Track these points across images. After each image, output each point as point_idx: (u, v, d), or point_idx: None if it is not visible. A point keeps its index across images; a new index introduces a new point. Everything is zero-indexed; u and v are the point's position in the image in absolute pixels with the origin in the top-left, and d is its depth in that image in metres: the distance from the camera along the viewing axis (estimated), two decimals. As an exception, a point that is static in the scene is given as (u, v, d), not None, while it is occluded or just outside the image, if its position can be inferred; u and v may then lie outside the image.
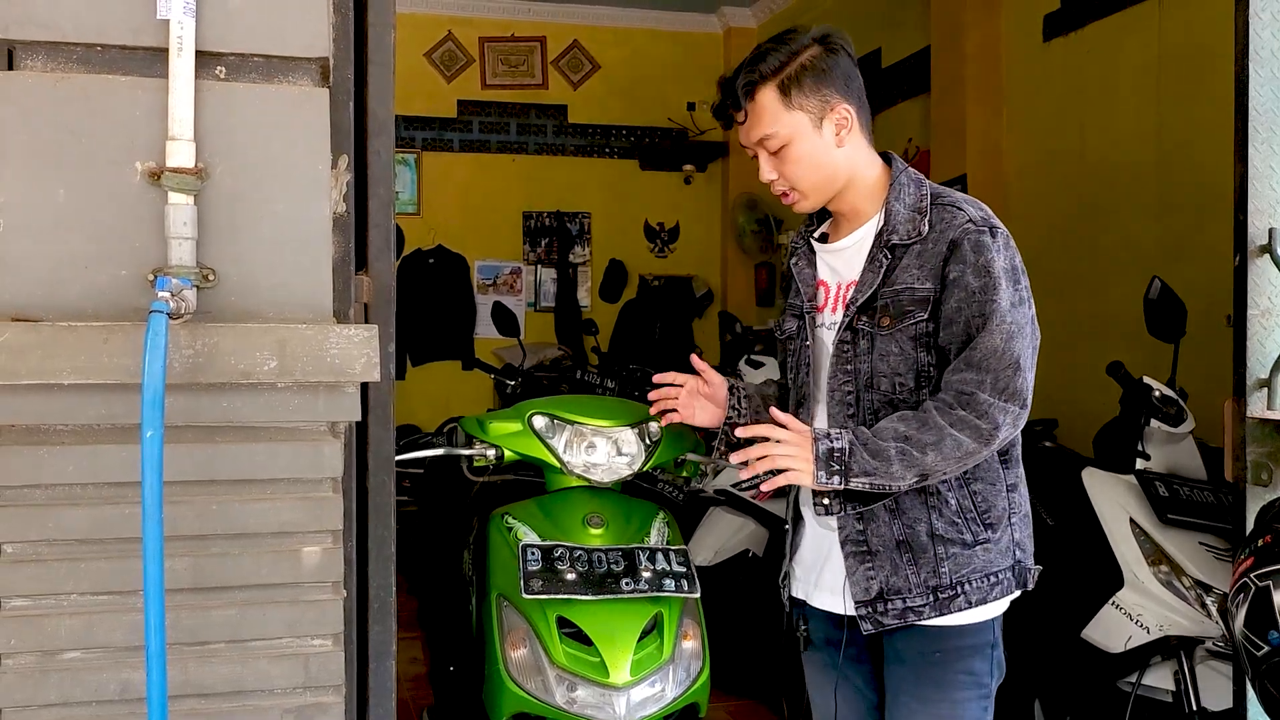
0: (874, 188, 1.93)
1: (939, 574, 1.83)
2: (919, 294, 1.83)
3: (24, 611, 1.42)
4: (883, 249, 1.87)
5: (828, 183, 1.90)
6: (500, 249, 7.21)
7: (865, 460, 1.75)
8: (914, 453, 1.74)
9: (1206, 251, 3.77)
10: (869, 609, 1.85)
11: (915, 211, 1.87)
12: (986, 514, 1.86)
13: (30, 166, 1.40)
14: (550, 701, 1.98)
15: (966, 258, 1.80)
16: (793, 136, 1.87)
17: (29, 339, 1.35)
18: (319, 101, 1.49)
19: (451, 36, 7.11)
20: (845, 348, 1.89)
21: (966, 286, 1.79)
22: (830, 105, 1.87)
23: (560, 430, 2.26)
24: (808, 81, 1.86)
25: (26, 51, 1.42)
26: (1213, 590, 2.62)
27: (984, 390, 1.76)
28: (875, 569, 1.85)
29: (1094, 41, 4.41)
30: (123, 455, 1.39)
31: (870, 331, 1.86)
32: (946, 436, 1.74)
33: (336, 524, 1.50)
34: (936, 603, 1.83)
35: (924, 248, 1.84)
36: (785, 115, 1.86)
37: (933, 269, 1.82)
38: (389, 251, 1.61)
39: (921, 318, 1.83)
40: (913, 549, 1.84)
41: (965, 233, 1.81)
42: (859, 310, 1.87)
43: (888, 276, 1.85)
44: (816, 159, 1.88)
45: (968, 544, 1.84)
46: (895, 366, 1.85)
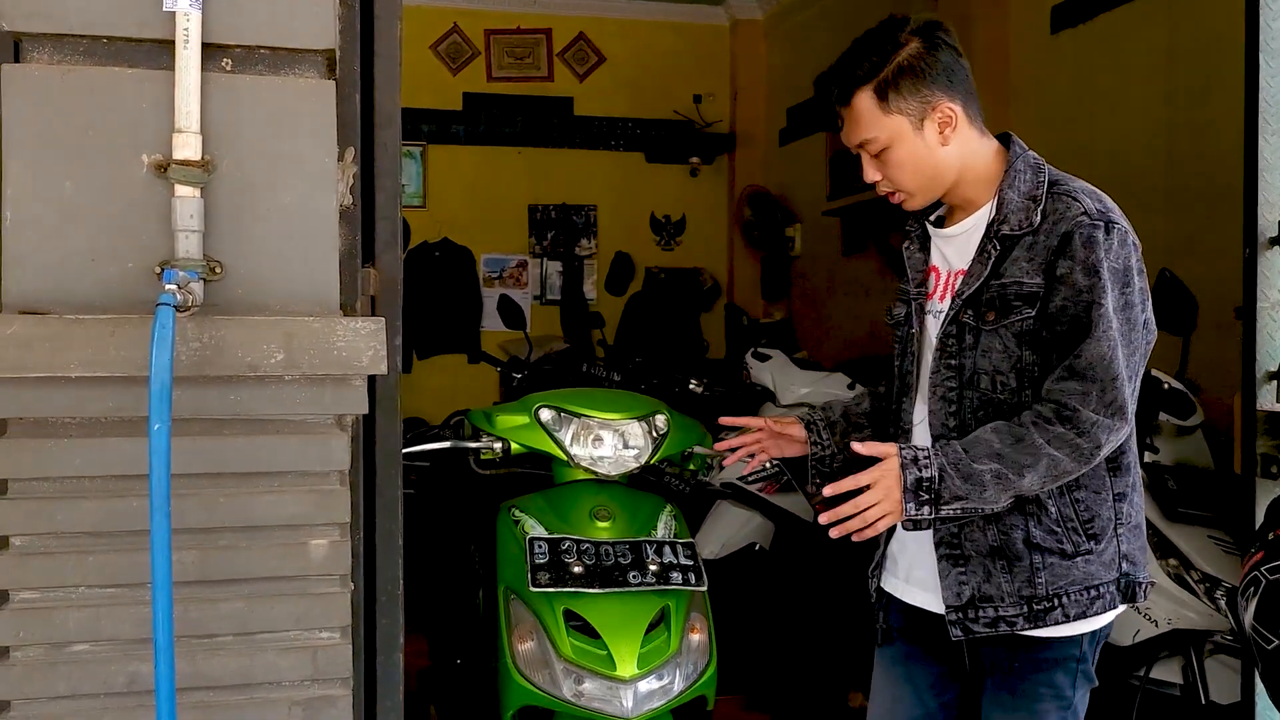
0: (987, 175, 1.84)
1: (1034, 584, 1.73)
2: (1026, 289, 1.73)
3: (32, 604, 1.42)
4: (992, 239, 1.78)
5: (934, 182, 1.82)
6: (506, 242, 7.20)
7: (956, 485, 1.65)
8: (1009, 475, 1.66)
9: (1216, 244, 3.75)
10: (959, 615, 1.77)
11: (1029, 200, 1.78)
12: (1089, 523, 1.75)
13: (37, 159, 1.40)
14: (557, 694, 1.98)
15: (1076, 253, 1.69)
16: (893, 140, 1.78)
17: (37, 332, 1.36)
18: (325, 94, 1.49)
19: (457, 29, 7.09)
20: (950, 342, 1.80)
21: (1074, 285, 1.69)
22: (931, 105, 1.77)
23: (567, 423, 2.25)
24: (906, 83, 1.76)
25: (33, 44, 1.42)
26: (1222, 584, 2.61)
27: (1087, 405, 1.66)
28: (968, 574, 1.77)
29: (1103, 33, 4.38)
30: (130, 448, 1.39)
31: (975, 326, 1.77)
32: (1044, 456, 1.65)
33: (344, 517, 1.51)
34: (1030, 614, 1.74)
35: (1035, 239, 1.74)
36: (883, 119, 1.77)
37: (1042, 262, 1.72)
38: (396, 244, 1.61)
39: (1028, 314, 1.73)
40: (1007, 557, 1.75)
41: (1078, 226, 1.70)
42: (965, 303, 1.78)
43: (995, 269, 1.76)
44: (919, 161, 1.79)
45: (1067, 554, 1.74)
46: (997, 364, 1.76)
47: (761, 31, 7.35)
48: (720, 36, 7.44)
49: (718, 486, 3.84)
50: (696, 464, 2.42)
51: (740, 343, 5.66)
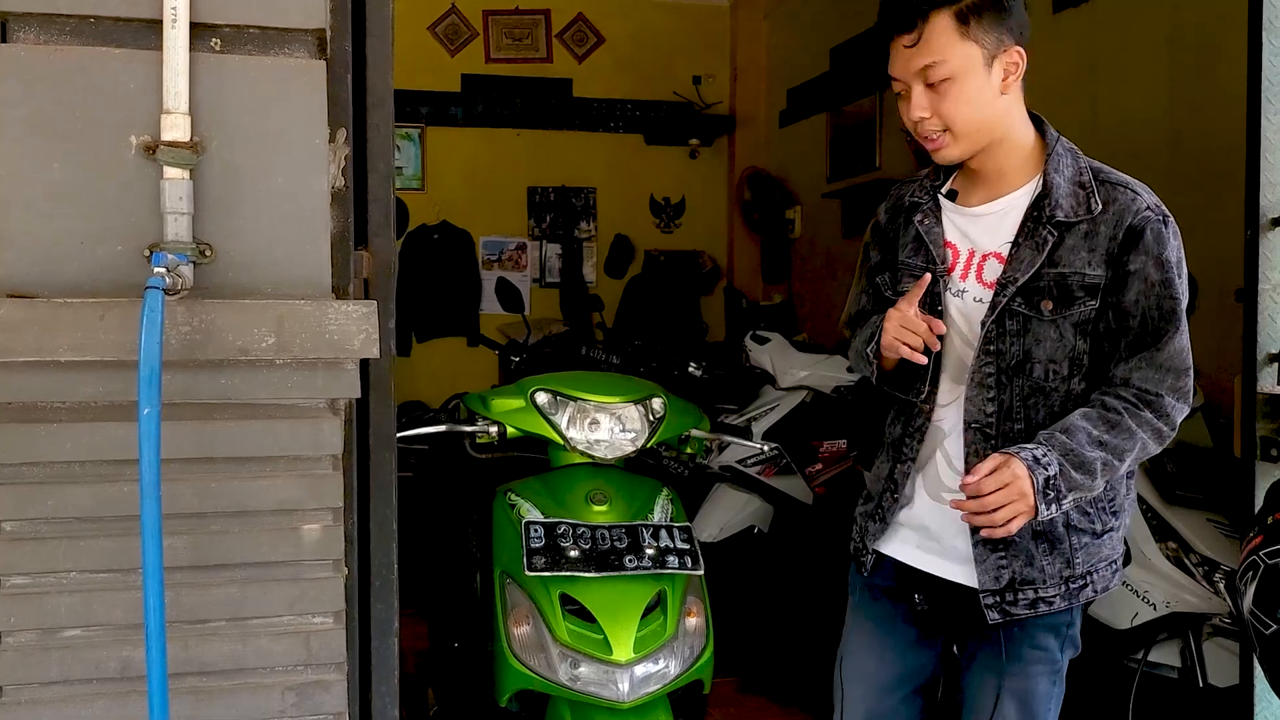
0: (1028, 153, 1.81)
1: (1073, 564, 1.79)
2: (1089, 279, 1.72)
3: (23, 589, 1.42)
4: (1045, 225, 1.74)
5: (983, 131, 1.77)
6: (505, 225, 7.18)
7: (1074, 477, 1.66)
8: (1114, 461, 1.69)
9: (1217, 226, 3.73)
10: (997, 598, 1.79)
11: (1077, 186, 1.76)
12: (1114, 502, 1.82)
13: (24, 141, 1.39)
14: (553, 679, 1.97)
15: (1150, 248, 1.71)
16: (961, 70, 1.72)
17: (25, 316, 1.34)
18: (316, 74, 1.47)
19: (455, 10, 7.05)
20: (994, 335, 1.77)
21: (1148, 279, 1.71)
22: (1005, 45, 1.73)
23: (563, 406, 2.24)
24: (988, 14, 1.71)
25: (19, 24, 1.40)
26: (1220, 567, 2.61)
27: (1167, 393, 1.71)
28: (1009, 559, 1.79)
29: (1105, 13, 4.35)
30: (120, 433, 1.38)
31: (1027, 314, 1.75)
32: (1138, 441, 1.69)
33: (337, 501, 1.50)
34: (1068, 593, 1.80)
35: (1093, 229, 1.73)
36: (959, 45, 1.71)
37: (1106, 253, 1.72)
38: (389, 226, 1.59)
39: (1092, 305, 1.73)
40: (1050, 540, 1.78)
41: (1147, 221, 1.72)
42: (1019, 291, 1.75)
43: (1051, 256, 1.73)
44: (979, 100, 1.74)
45: (1097, 533, 1.81)
46: (1051, 353, 1.75)
47: (762, 12, 7.30)
48: (720, 17, 7.40)
49: (716, 470, 3.84)
50: (694, 447, 2.41)
51: (740, 325, 5.65)
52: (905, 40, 1.75)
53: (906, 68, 1.77)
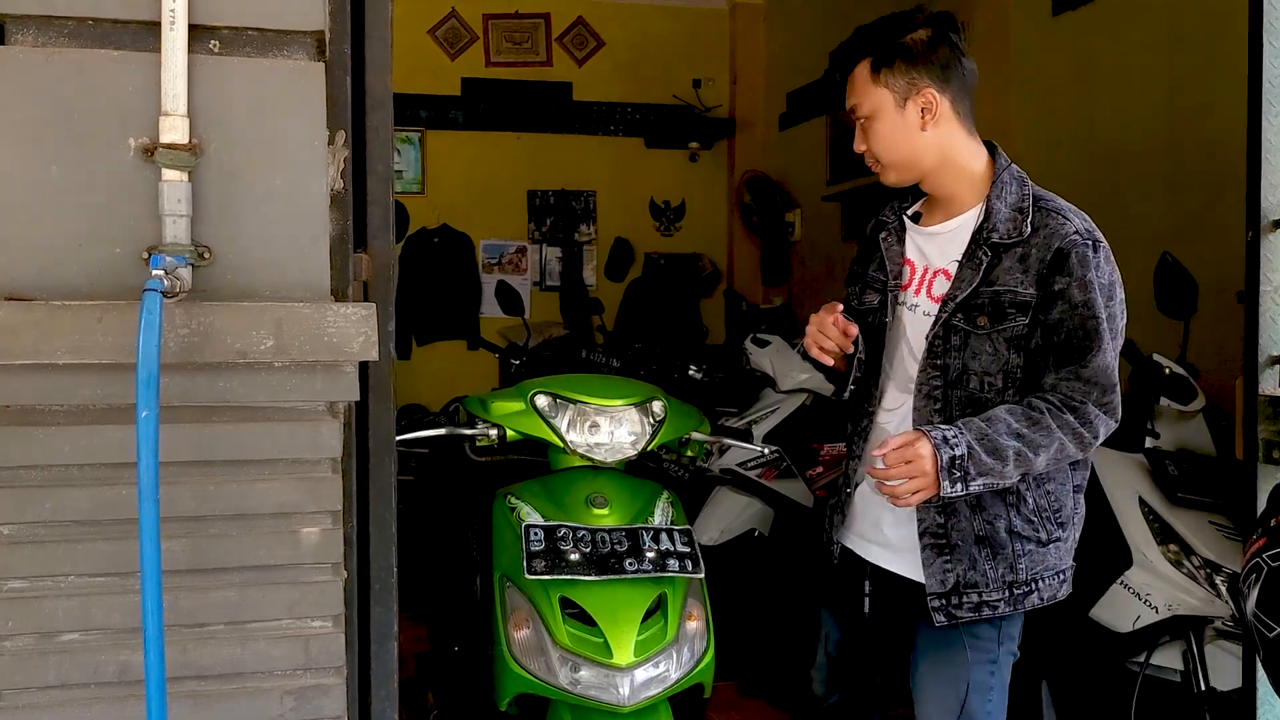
0: (976, 178, 1.98)
1: (1016, 570, 1.90)
2: (1020, 298, 1.87)
3: (21, 593, 1.41)
4: (982, 246, 1.90)
5: (909, 162, 1.96)
6: (505, 228, 7.18)
7: (983, 461, 1.79)
8: (1028, 454, 1.80)
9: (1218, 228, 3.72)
10: (943, 601, 1.91)
11: (1016, 211, 1.92)
12: (1058, 513, 1.93)
13: (22, 143, 1.38)
14: (554, 682, 1.97)
15: (1073, 270, 1.84)
16: (875, 111, 1.94)
17: (22, 318, 1.34)
18: (315, 76, 1.47)
19: (455, 14, 7.06)
20: (938, 343, 1.92)
21: (1071, 299, 1.84)
22: (917, 89, 1.92)
23: (563, 409, 2.24)
24: (898, 63, 1.92)
25: (17, 26, 1.39)
26: (1222, 570, 2.60)
27: (1091, 402, 1.84)
28: (953, 562, 1.91)
29: (1104, 16, 4.35)
30: (118, 436, 1.38)
31: (965, 329, 1.90)
32: (1056, 440, 1.81)
33: (336, 504, 1.49)
34: (1011, 598, 1.90)
35: (1026, 251, 1.88)
36: (871, 90, 1.94)
37: (1036, 274, 1.86)
38: (388, 229, 1.59)
39: (1021, 321, 1.87)
40: (992, 545, 1.90)
41: (1073, 244, 1.86)
42: (957, 307, 1.90)
43: (987, 276, 1.89)
44: (896, 136, 1.94)
45: (1042, 542, 1.91)
46: (986, 366, 1.89)
47: (761, 15, 7.31)
48: (720, 21, 7.40)
49: (716, 473, 3.83)
50: (695, 450, 2.41)
51: (740, 328, 5.64)
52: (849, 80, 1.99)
53: (846, 103, 2.01)
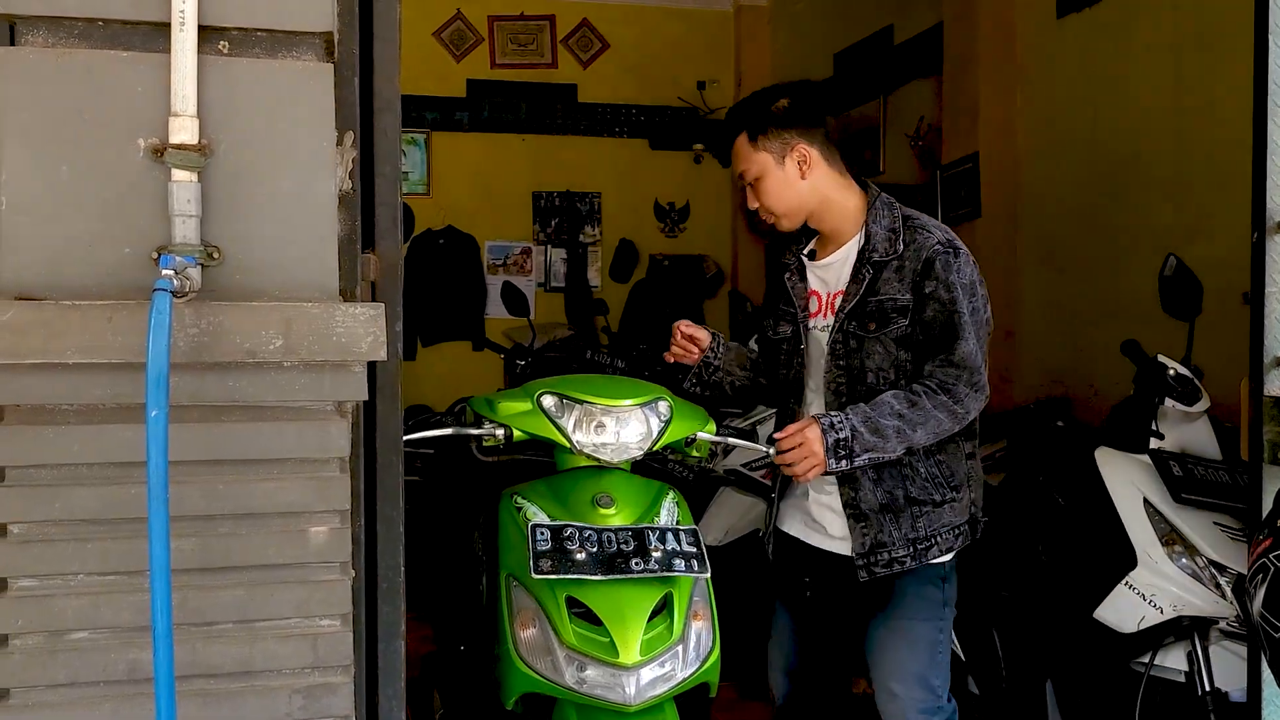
0: (853, 211, 2.32)
1: (916, 529, 2.26)
2: (900, 303, 2.23)
3: (31, 592, 1.42)
4: (865, 265, 2.26)
5: (796, 208, 2.31)
6: (510, 229, 7.18)
7: (866, 439, 2.14)
8: (907, 430, 2.15)
9: (1223, 229, 3.72)
10: (864, 560, 2.27)
11: (890, 231, 2.27)
12: (950, 478, 2.29)
13: (32, 143, 1.39)
14: (560, 681, 1.97)
15: (938, 275, 2.20)
16: (761, 172, 2.29)
17: (33, 318, 1.35)
18: (323, 77, 1.48)
19: (460, 15, 7.07)
20: (838, 348, 2.29)
21: (938, 298, 2.20)
22: (791, 146, 2.27)
23: (569, 409, 2.24)
24: (771, 129, 2.28)
25: (28, 27, 1.40)
26: (1227, 570, 2.60)
27: (961, 384, 2.19)
28: (867, 528, 2.27)
29: (1109, 17, 4.35)
30: (128, 435, 1.39)
31: (859, 334, 2.26)
32: (931, 417, 2.16)
33: (344, 504, 1.50)
34: (915, 553, 2.26)
35: (901, 263, 2.23)
36: (754, 155, 2.29)
37: (910, 282, 2.22)
38: (396, 229, 1.59)
39: (903, 322, 2.23)
40: (894, 511, 2.26)
41: (937, 253, 2.21)
42: (848, 316, 2.26)
43: (871, 288, 2.25)
44: (782, 189, 2.29)
45: (937, 503, 2.27)
46: (880, 363, 2.25)
47: (766, 17, 7.31)
48: (724, 23, 7.41)
49: (721, 473, 3.83)
50: (700, 450, 2.40)
51: (744, 330, 5.64)
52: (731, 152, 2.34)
53: (735, 173, 2.37)
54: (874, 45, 6.01)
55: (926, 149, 5.42)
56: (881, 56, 5.91)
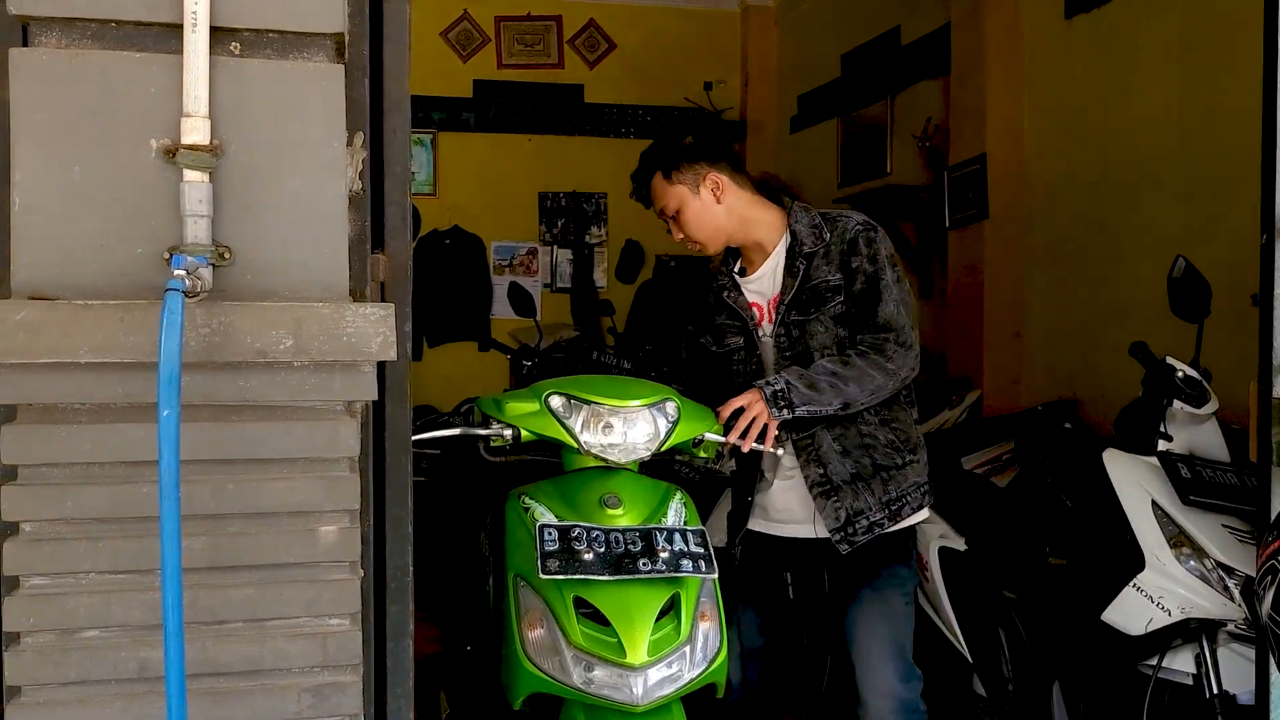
0: (772, 222, 2.53)
1: (888, 491, 2.45)
2: (832, 283, 2.44)
3: (43, 590, 1.42)
4: (797, 259, 2.47)
5: (719, 231, 2.52)
6: (516, 230, 7.19)
7: (802, 392, 2.31)
8: (840, 385, 2.32)
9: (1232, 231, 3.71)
10: (842, 533, 2.43)
11: (813, 227, 2.49)
12: (907, 441, 2.50)
13: (46, 144, 1.40)
14: (567, 682, 1.97)
15: (861, 250, 2.43)
16: (680, 204, 2.49)
17: (45, 317, 1.35)
18: (334, 78, 1.48)
19: (467, 16, 7.08)
20: (782, 340, 2.49)
21: (864, 271, 2.42)
22: (703, 176, 2.49)
23: (577, 410, 2.24)
24: (683, 164, 2.49)
25: (41, 28, 1.41)
26: (1235, 573, 2.59)
27: (889, 343, 2.37)
28: (840, 501, 2.43)
29: (1117, 18, 4.35)
30: (140, 434, 1.39)
31: (801, 320, 2.46)
32: (864, 374, 2.34)
33: (353, 503, 1.50)
34: (890, 514, 2.45)
35: (828, 249, 2.46)
36: (671, 191, 2.50)
37: (839, 263, 2.44)
38: (405, 230, 1.60)
39: (838, 300, 2.44)
40: (864, 479, 2.44)
41: (858, 231, 2.45)
42: (788, 307, 2.47)
43: (806, 276, 2.46)
44: (703, 217, 2.50)
45: (900, 466, 2.47)
46: (824, 341, 2.44)
47: (773, 18, 7.31)
48: (731, 23, 7.41)
49: (727, 474, 3.83)
50: (707, 451, 2.41)
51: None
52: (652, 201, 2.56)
53: (655, 209, 2.57)
54: (881, 46, 6.00)
55: (934, 150, 5.42)
56: (889, 57, 5.91)
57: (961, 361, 5.08)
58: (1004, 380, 4.87)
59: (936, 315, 5.43)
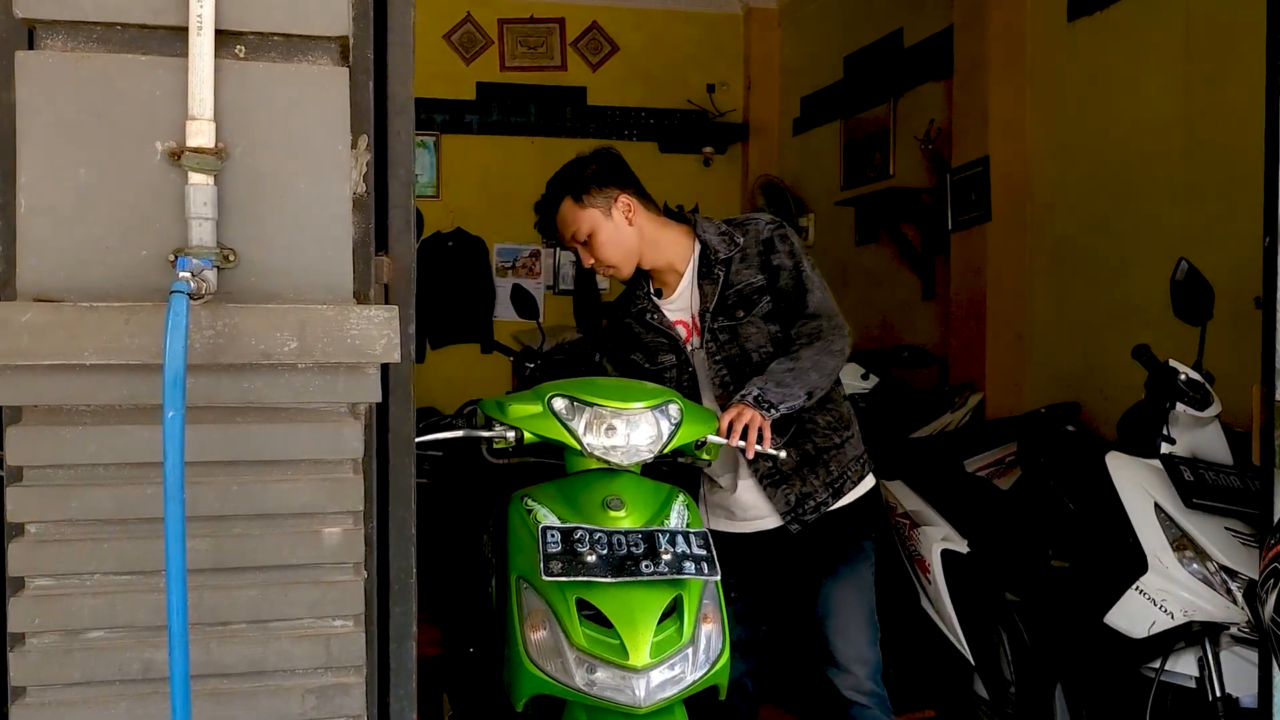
0: (679, 240, 2.59)
1: (830, 471, 2.56)
2: (756, 284, 2.51)
3: (47, 591, 1.43)
4: (714, 267, 2.53)
5: (631, 253, 2.55)
6: (519, 232, 7.17)
7: (775, 391, 2.36)
8: (802, 376, 2.39)
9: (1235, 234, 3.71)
10: (792, 515, 2.55)
11: (722, 235, 2.56)
12: (841, 419, 2.61)
13: (51, 146, 1.40)
14: (570, 683, 1.97)
15: (778, 247, 2.52)
16: (593, 228, 2.52)
17: (51, 319, 1.36)
18: (339, 81, 1.49)
19: (470, 18, 7.08)
20: (712, 347, 2.55)
21: (784, 266, 2.51)
22: (613, 198, 2.52)
23: (580, 412, 2.25)
24: (593, 188, 2.52)
25: (47, 31, 1.41)
26: (1238, 576, 2.60)
27: (825, 329, 2.46)
28: (788, 487, 2.54)
29: (1120, 20, 4.35)
30: (144, 435, 1.40)
31: (729, 325, 2.52)
32: (816, 362, 2.42)
33: (357, 505, 1.50)
34: (835, 491, 2.56)
35: (744, 253, 2.53)
36: (583, 215, 2.53)
37: (758, 263, 2.52)
38: (409, 232, 1.60)
39: (767, 299, 2.51)
40: (810, 463, 2.55)
41: (771, 231, 2.54)
42: (713, 315, 2.53)
43: (727, 283, 2.52)
44: (615, 239, 2.53)
45: (839, 445, 2.58)
46: (759, 342, 2.52)
47: (775, 20, 7.31)
48: (734, 26, 7.41)
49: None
50: (711, 453, 2.41)
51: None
52: (560, 227, 2.59)
53: (565, 236, 2.60)
54: (884, 48, 6.00)
55: (936, 152, 5.42)
56: (891, 59, 5.91)
57: (964, 364, 5.08)
58: (1006, 383, 4.87)
59: (939, 317, 5.43)
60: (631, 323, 2.69)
